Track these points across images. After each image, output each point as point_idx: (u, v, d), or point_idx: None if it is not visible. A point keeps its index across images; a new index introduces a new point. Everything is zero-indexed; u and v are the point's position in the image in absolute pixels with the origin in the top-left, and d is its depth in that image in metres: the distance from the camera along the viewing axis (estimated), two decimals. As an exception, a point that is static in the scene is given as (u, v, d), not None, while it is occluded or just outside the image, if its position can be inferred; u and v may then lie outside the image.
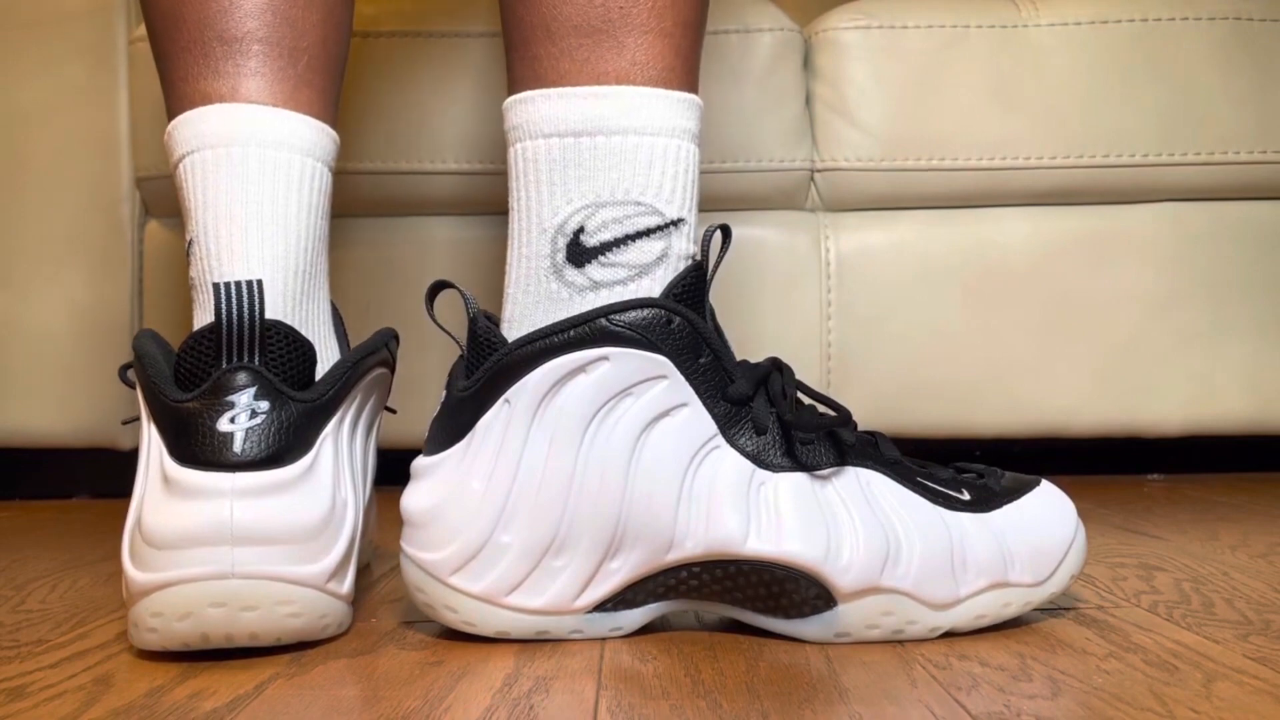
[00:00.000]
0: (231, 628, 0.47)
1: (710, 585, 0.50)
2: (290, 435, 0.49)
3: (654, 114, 0.51)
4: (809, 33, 1.05)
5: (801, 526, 0.49)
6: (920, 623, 0.50)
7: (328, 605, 0.49)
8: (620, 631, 0.51)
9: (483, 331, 0.50)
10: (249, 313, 0.48)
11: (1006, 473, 0.55)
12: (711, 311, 0.52)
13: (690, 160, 0.52)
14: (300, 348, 0.51)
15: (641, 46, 0.51)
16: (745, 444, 0.50)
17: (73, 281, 1.01)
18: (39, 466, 1.08)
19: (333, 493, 0.50)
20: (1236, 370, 1.02)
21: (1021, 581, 0.51)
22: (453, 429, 0.50)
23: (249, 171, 0.54)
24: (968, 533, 0.51)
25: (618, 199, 0.50)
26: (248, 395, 0.48)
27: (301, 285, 0.55)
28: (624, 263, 0.50)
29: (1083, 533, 0.54)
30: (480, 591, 0.49)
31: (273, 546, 0.47)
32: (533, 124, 0.51)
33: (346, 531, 0.50)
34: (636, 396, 0.49)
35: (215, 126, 0.54)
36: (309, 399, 0.50)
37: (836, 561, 0.49)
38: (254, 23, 0.55)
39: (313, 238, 0.56)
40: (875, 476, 0.51)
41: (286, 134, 0.55)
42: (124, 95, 1.02)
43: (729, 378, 0.50)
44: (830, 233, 1.03)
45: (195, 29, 0.55)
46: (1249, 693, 0.41)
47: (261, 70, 0.55)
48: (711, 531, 0.49)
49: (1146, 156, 1.01)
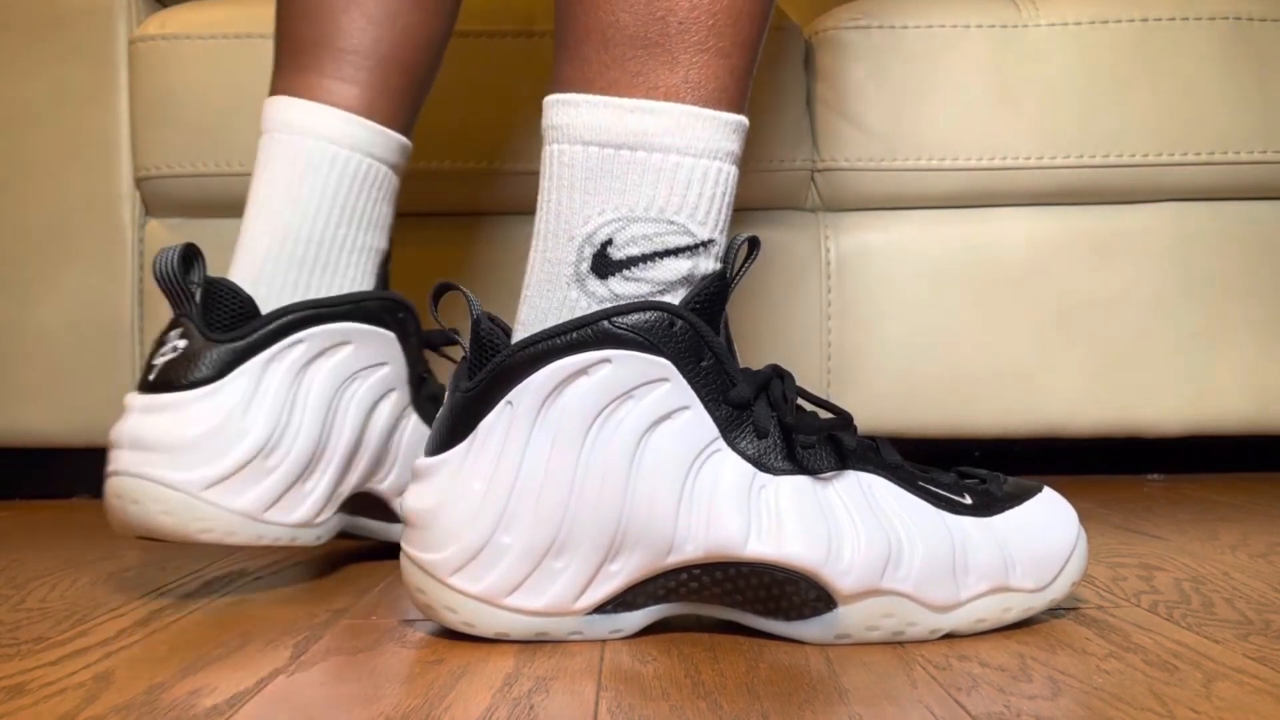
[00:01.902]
0: (125, 517, 0.59)
1: (710, 588, 0.50)
2: (197, 366, 0.59)
3: (699, 135, 0.50)
4: (809, 33, 1.05)
5: (802, 529, 0.49)
6: (920, 625, 0.50)
7: (207, 511, 0.58)
8: (620, 634, 0.51)
9: (485, 333, 0.50)
10: (165, 273, 0.59)
11: (1009, 478, 0.55)
12: (726, 321, 0.52)
13: (729, 183, 0.51)
14: (236, 299, 0.61)
15: (696, 64, 0.50)
16: (746, 447, 0.50)
17: (73, 281, 1.01)
18: (39, 466, 1.08)
19: (228, 417, 0.59)
20: (1236, 370, 1.02)
21: (1023, 586, 0.51)
22: (455, 430, 0.50)
23: (271, 156, 0.65)
24: (969, 536, 0.51)
25: (651, 216, 0.50)
26: (174, 335, 0.60)
27: (313, 253, 0.65)
28: (648, 279, 0.50)
29: (1084, 540, 0.54)
30: (480, 592, 0.49)
31: (150, 452, 0.58)
32: (574, 128, 0.51)
33: (240, 452, 0.59)
34: (638, 399, 0.49)
35: (267, 115, 0.66)
36: (223, 339, 0.60)
37: (837, 563, 0.49)
38: (303, 25, 0.66)
39: (332, 214, 0.65)
40: (876, 480, 0.51)
41: (315, 124, 0.64)
42: (124, 95, 1.02)
43: (731, 381, 0.50)
44: (830, 233, 1.03)
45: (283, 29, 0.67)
46: (1249, 693, 0.41)
47: (306, 68, 0.66)
48: (712, 534, 0.49)
49: (1146, 156, 1.01)
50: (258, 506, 0.60)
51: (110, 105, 1.01)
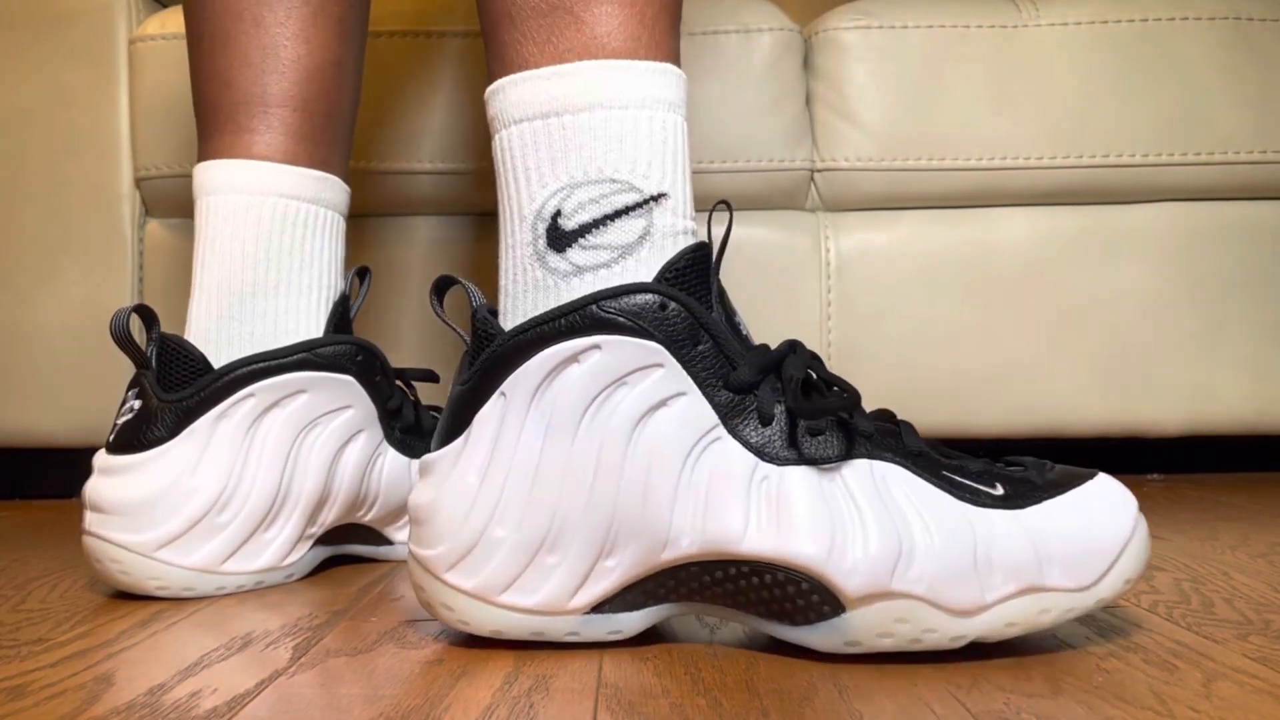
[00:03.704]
0: (95, 572, 0.62)
1: (711, 587, 0.48)
2: (150, 427, 0.61)
3: (619, 87, 0.49)
4: (809, 33, 1.05)
5: (803, 524, 0.45)
6: (939, 631, 0.45)
7: (161, 570, 0.60)
8: (619, 635, 0.49)
9: (481, 324, 0.49)
10: (118, 334, 0.60)
11: (1058, 465, 0.50)
12: (722, 292, 0.50)
13: (669, 131, 0.50)
14: (187, 357, 0.63)
15: (601, 19, 0.50)
16: (749, 435, 0.47)
17: (73, 281, 1.01)
18: (39, 466, 1.08)
19: (177, 477, 0.61)
20: (1236, 370, 1.02)
21: (1060, 586, 0.46)
22: (454, 424, 0.49)
23: (198, 219, 0.67)
24: (995, 531, 0.46)
25: (591, 178, 0.49)
26: (132, 394, 0.63)
27: (250, 302, 0.66)
28: (605, 244, 0.48)
29: (1143, 532, 0.48)
30: (474, 588, 0.48)
31: (106, 515, 0.61)
32: (505, 112, 0.51)
33: (189, 511, 0.61)
34: (631, 386, 0.47)
35: (199, 178, 0.68)
36: (171, 399, 0.62)
37: (841, 563, 0.45)
38: (205, 91, 0.68)
39: (259, 258, 0.66)
40: (892, 469, 0.47)
41: (246, 180, 0.66)
42: (124, 95, 1.02)
43: (731, 364, 0.48)
44: (830, 232, 1.03)
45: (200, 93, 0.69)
46: (1249, 693, 0.41)
47: (214, 131, 0.68)
48: (708, 529, 0.46)
49: (1146, 156, 1.01)
50: (213, 561, 0.62)
51: (110, 105, 1.01)
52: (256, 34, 0.67)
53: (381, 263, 1.01)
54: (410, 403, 0.72)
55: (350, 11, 0.70)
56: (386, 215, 1.02)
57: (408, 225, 1.03)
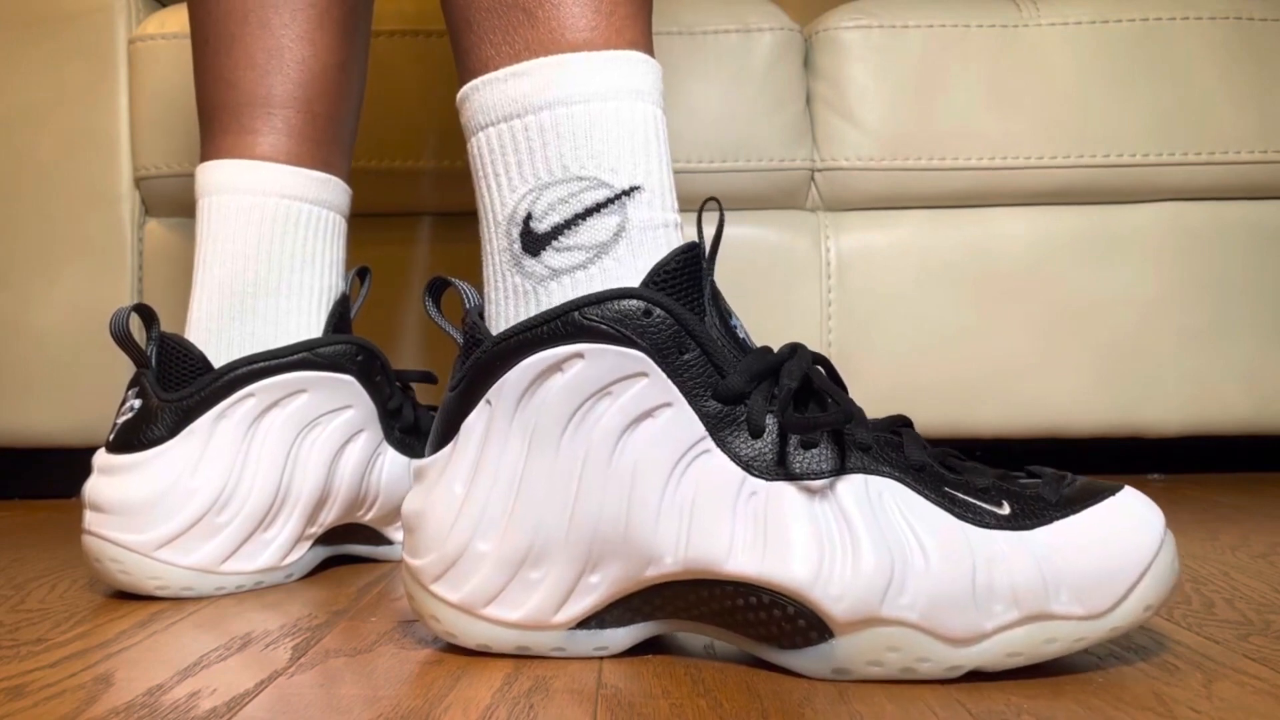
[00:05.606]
0: (95, 572, 0.63)
1: (697, 606, 0.46)
2: (150, 427, 0.61)
3: (577, 80, 0.47)
4: (809, 33, 1.05)
5: (790, 546, 0.43)
6: (934, 661, 0.43)
7: (161, 570, 0.60)
8: (605, 651, 0.47)
9: (470, 328, 0.48)
10: (118, 333, 0.60)
11: (1079, 479, 0.46)
12: (716, 294, 0.47)
13: (638, 120, 0.48)
14: (187, 356, 0.62)
15: (554, 14, 0.48)
16: (738, 447, 0.44)
17: (73, 281, 1.01)
18: (39, 466, 1.08)
19: (177, 477, 0.61)
20: (1236, 370, 1.02)
21: (1069, 613, 0.42)
22: (444, 430, 0.48)
23: (199, 219, 0.67)
24: (997, 554, 0.43)
25: (558, 177, 0.47)
26: (132, 394, 0.63)
27: (252, 301, 0.66)
28: (578, 244, 0.47)
29: (1170, 553, 0.44)
30: (459, 601, 0.47)
31: (107, 514, 0.61)
32: (472, 118, 0.50)
33: (189, 512, 0.61)
34: (615, 397, 0.45)
35: (202, 178, 0.68)
36: (173, 398, 0.62)
37: (829, 588, 0.42)
38: (209, 91, 0.68)
39: (260, 259, 0.66)
40: (890, 485, 0.44)
41: (249, 181, 0.66)
42: (124, 95, 1.02)
43: (720, 373, 0.45)
44: (830, 232, 1.03)
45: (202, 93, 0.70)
46: (1249, 693, 0.41)
47: (217, 131, 0.68)
48: (693, 547, 0.44)
49: (1146, 156, 1.01)
50: (213, 561, 0.62)
51: (110, 105, 1.01)
52: (262, 36, 0.67)
53: (381, 263, 1.01)
54: (410, 402, 0.72)
55: (354, 14, 0.70)
56: (386, 215, 1.02)
57: (408, 225, 1.03)
